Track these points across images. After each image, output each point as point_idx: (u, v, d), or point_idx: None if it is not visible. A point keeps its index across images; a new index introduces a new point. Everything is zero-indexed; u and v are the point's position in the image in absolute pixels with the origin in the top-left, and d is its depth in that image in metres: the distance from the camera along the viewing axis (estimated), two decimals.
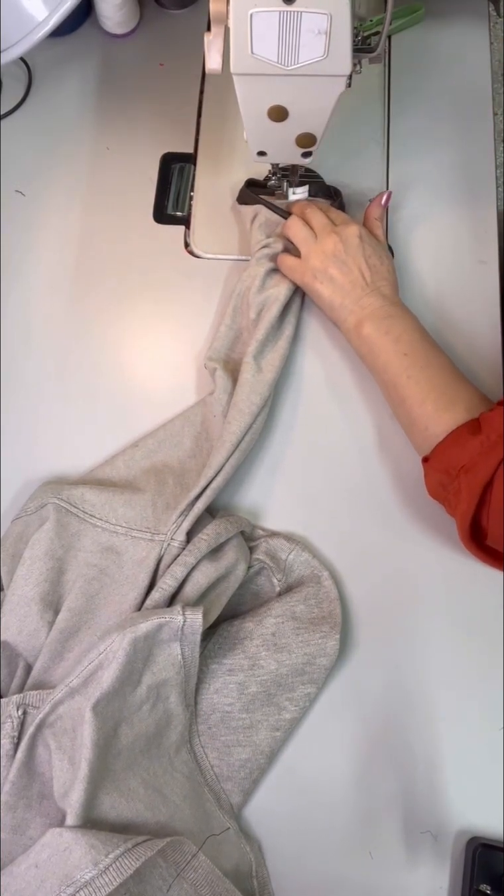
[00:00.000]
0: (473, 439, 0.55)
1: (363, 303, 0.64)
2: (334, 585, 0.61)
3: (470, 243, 0.72)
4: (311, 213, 0.68)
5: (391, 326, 0.63)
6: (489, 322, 0.70)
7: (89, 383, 0.70)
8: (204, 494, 0.60)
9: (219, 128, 0.77)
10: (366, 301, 0.64)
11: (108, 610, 0.58)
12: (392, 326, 0.63)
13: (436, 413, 0.59)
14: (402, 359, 0.61)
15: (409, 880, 0.56)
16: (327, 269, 0.65)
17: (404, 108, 0.77)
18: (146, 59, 0.81)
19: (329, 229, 0.66)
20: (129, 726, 0.53)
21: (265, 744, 0.57)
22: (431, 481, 0.59)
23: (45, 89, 0.80)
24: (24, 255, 0.74)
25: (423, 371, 0.61)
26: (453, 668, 0.61)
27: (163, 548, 0.58)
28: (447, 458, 0.56)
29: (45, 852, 0.46)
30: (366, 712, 0.60)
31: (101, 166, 0.77)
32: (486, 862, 0.54)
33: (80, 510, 0.61)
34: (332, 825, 0.58)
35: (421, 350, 0.62)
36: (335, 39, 0.51)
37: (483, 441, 0.54)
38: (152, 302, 0.73)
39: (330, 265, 0.65)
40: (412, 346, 0.62)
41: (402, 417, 0.62)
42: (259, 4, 0.49)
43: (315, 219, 0.68)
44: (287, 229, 0.69)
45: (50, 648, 0.57)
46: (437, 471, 0.58)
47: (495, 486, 0.53)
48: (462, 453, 0.55)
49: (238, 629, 0.59)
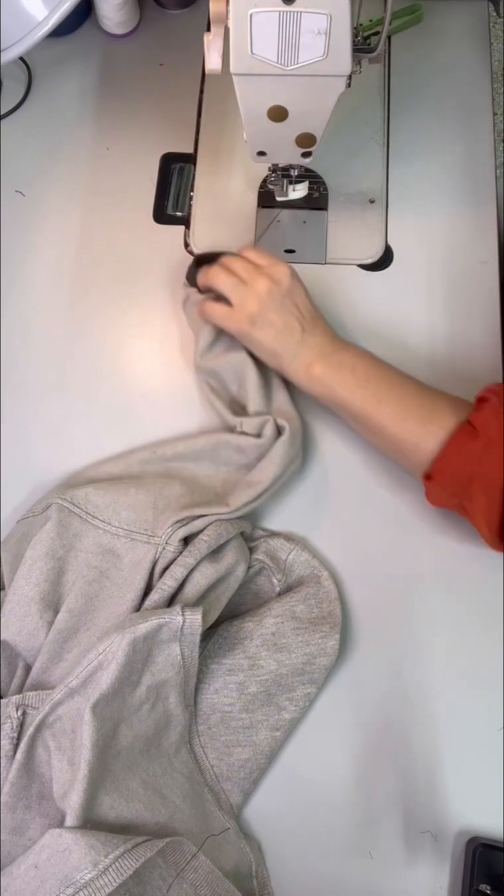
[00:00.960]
0: (474, 444, 0.54)
1: (308, 343, 0.62)
2: (334, 585, 0.61)
3: (470, 243, 0.72)
4: (230, 261, 0.64)
5: (342, 359, 0.61)
6: (489, 322, 0.70)
7: (89, 383, 0.70)
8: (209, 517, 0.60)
9: (219, 128, 0.77)
10: (310, 341, 0.62)
11: (107, 611, 0.58)
12: (343, 359, 0.61)
13: (422, 427, 0.57)
14: (365, 386, 0.60)
15: (409, 880, 0.56)
16: (265, 314, 0.61)
17: (404, 108, 0.77)
18: (146, 59, 0.81)
19: (257, 272, 0.62)
20: (128, 727, 0.53)
21: (265, 744, 0.57)
22: (437, 495, 0.58)
23: (45, 89, 0.80)
24: (23, 256, 0.74)
25: (391, 392, 0.59)
26: (453, 668, 0.60)
27: (158, 551, 0.58)
28: (452, 469, 0.55)
29: (44, 853, 0.46)
30: (366, 712, 0.60)
31: (101, 166, 0.77)
32: (486, 862, 0.54)
33: (82, 510, 0.61)
34: (332, 825, 0.58)
35: (381, 373, 0.60)
36: (335, 39, 0.51)
37: (485, 444, 0.53)
38: (152, 302, 0.73)
39: (267, 309, 0.61)
40: (370, 372, 0.60)
41: (384, 443, 0.61)
42: (259, 4, 0.49)
43: (236, 264, 0.64)
44: (210, 280, 0.64)
45: (49, 649, 0.57)
46: (442, 486, 0.56)
47: None
48: (467, 461, 0.54)
49: (238, 629, 0.59)
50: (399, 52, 0.79)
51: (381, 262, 0.72)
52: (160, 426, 0.68)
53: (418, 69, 0.78)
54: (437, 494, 0.58)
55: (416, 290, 0.71)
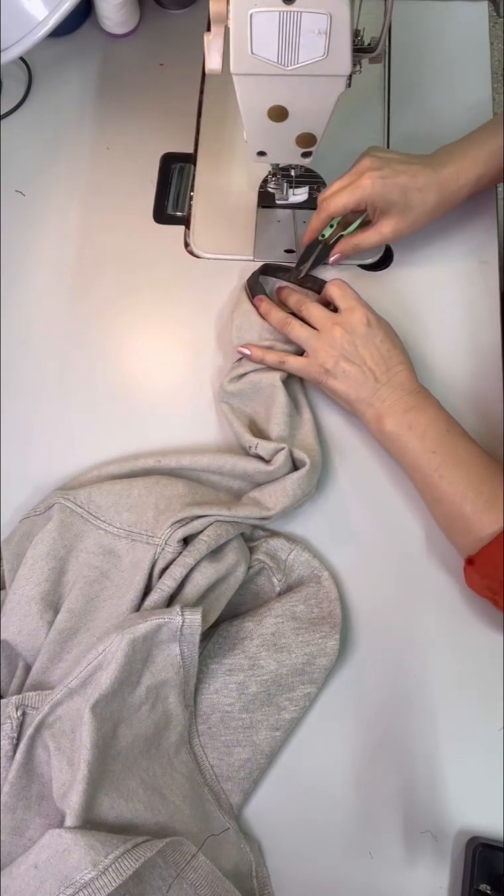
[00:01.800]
0: None
1: (381, 395, 0.61)
2: (334, 585, 0.61)
3: (470, 243, 0.72)
4: (307, 309, 0.65)
5: (414, 420, 0.60)
6: (489, 322, 0.70)
7: (89, 383, 0.70)
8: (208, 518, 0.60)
9: (219, 128, 0.77)
10: (383, 393, 0.61)
11: (107, 612, 0.58)
12: (415, 420, 0.60)
13: (475, 515, 0.56)
14: (430, 457, 0.58)
15: (409, 880, 0.56)
16: (338, 364, 0.62)
17: (404, 108, 0.77)
18: (146, 59, 0.81)
19: (331, 321, 0.63)
20: (128, 727, 0.53)
21: (265, 744, 0.57)
22: (475, 582, 0.58)
23: (45, 89, 0.80)
24: (23, 256, 0.74)
25: (455, 470, 0.58)
26: (453, 668, 0.60)
27: (157, 551, 0.58)
28: (494, 565, 0.55)
29: (44, 853, 0.46)
30: (366, 712, 0.60)
31: (101, 166, 0.77)
32: (486, 862, 0.54)
33: (84, 510, 0.61)
34: (332, 825, 0.58)
35: (450, 444, 0.59)
36: (335, 39, 0.51)
37: None
38: (152, 302, 0.73)
39: (340, 359, 0.62)
40: (440, 441, 0.59)
41: (439, 517, 0.60)
42: (259, 4, 0.49)
43: (313, 312, 0.64)
44: (288, 333, 0.65)
45: (49, 649, 0.57)
46: (482, 575, 0.56)
47: None
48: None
49: (238, 629, 0.59)
50: (399, 52, 0.79)
51: (381, 262, 0.72)
52: (161, 426, 0.68)
53: (418, 69, 0.78)
54: (475, 581, 0.58)
55: (416, 290, 0.71)
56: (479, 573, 0.56)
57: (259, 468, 0.62)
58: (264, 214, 0.74)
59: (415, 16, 0.80)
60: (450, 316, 0.70)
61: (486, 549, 0.55)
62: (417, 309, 0.70)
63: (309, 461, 0.61)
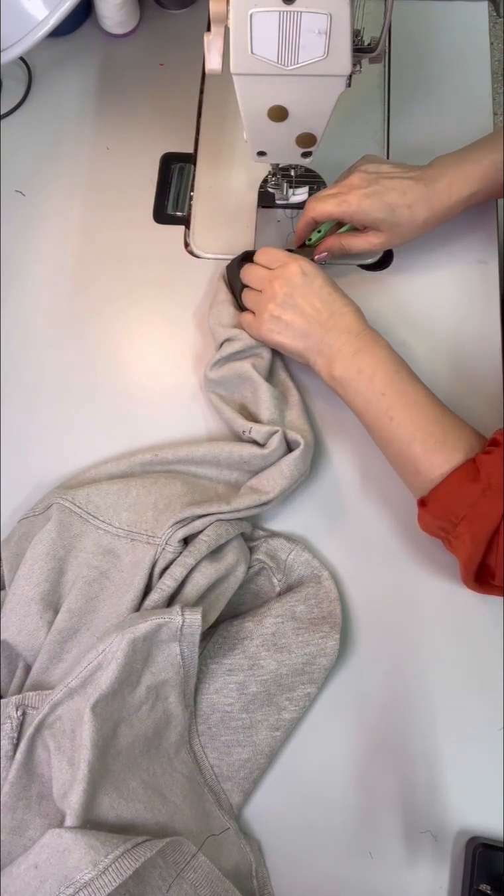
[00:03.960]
0: (473, 486, 0.53)
1: (328, 340, 0.61)
2: (334, 585, 0.61)
3: (470, 243, 0.72)
4: (246, 271, 0.66)
5: (362, 363, 0.59)
6: (489, 322, 0.70)
7: (88, 382, 0.70)
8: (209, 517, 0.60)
9: (219, 128, 0.77)
10: (330, 338, 0.61)
11: (107, 612, 0.58)
12: (363, 364, 0.59)
13: (425, 455, 0.56)
14: (380, 399, 0.58)
15: (409, 880, 0.56)
16: (281, 317, 0.62)
17: (404, 108, 0.77)
18: (146, 59, 0.81)
19: (269, 276, 0.63)
20: (128, 727, 0.53)
21: (265, 744, 0.57)
22: (428, 523, 0.57)
23: (45, 89, 0.80)
24: (23, 255, 0.74)
25: (404, 410, 0.58)
26: (453, 668, 0.60)
27: (157, 551, 0.58)
28: (445, 505, 0.55)
29: (44, 853, 0.46)
30: (366, 712, 0.60)
31: (101, 166, 0.77)
32: (486, 862, 0.54)
33: (83, 510, 0.61)
34: (332, 825, 0.58)
35: (399, 386, 0.59)
36: (335, 39, 0.51)
37: (484, 489, 0.53)
38: (152, 302, 0.73)
39: (282, 311, 0.62)
40: (389, 383, 0.58)
41: (391, 458, 0.60)
42: (259, 4, 0.49)
43: (252, 274, 0.65)
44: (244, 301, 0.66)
45: (49, 649, 0.57)
46: (434, 516, 0.56)
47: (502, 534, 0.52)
48: (462, 501, 0.53)
49: (238, 629, 0.59)
50: (399, 52, 0.79)
51: (381, 262, 0.72)
52: (160, 425, 0.68)
53: (418, 69, 0.78)
54: (428, 522, 0.57)
55: (417, 290, 0.71)
56: (430, 514, 0.56)
57: (255, 452, 0.62)
58: (264, 214, 0.74)
59: (415, 16, 0.80)
60: (449, 316, 0.70)
61: (437, 490, 0.55)
62: (417, 309, 0.70)
63: (303, 441, 0.61)
